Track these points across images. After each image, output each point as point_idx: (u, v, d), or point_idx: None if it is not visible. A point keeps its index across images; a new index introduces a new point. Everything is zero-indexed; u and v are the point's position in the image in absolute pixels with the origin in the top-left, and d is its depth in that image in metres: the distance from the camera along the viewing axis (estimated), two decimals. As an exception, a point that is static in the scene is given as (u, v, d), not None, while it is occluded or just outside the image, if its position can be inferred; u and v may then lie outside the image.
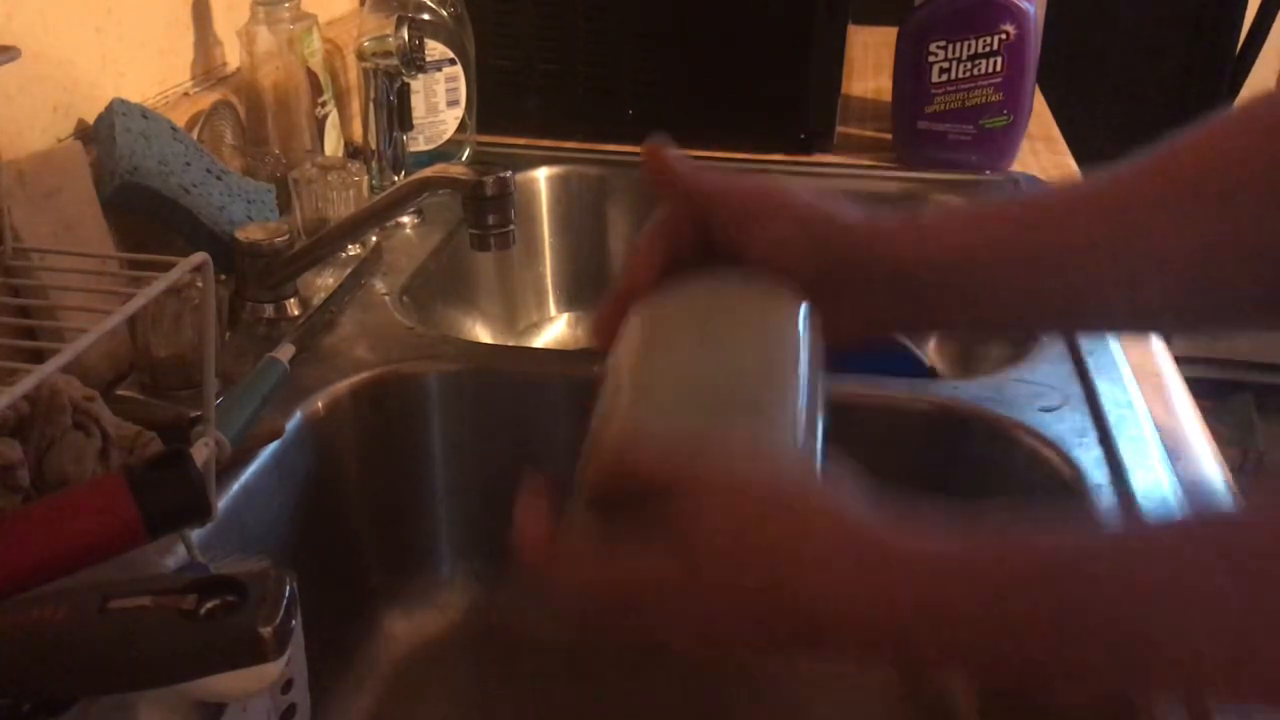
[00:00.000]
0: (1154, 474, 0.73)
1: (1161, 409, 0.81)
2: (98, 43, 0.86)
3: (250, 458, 0.74)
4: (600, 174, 1.28)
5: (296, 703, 0.65)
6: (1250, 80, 2.01)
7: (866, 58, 1.55)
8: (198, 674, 0.44)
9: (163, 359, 0.79)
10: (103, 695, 0.47)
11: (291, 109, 1.04)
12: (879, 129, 1.34)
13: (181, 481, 0.48)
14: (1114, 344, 0.88)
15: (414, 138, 1.15)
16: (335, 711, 0.82)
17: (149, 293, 0.53)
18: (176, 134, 0.88)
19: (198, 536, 0.63)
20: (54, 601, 0.45)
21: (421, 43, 1.06)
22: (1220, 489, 0.73)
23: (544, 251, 1.30)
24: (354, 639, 0.87)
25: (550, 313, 1.31)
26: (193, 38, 0.99)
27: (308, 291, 0.94)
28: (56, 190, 0.77)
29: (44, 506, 0.50)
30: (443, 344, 0.91)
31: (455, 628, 0.90)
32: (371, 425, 0.86)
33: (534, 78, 1.30)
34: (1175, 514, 0.58)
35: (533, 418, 0.88)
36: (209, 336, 0.59)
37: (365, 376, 0.85)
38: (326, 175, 1.00)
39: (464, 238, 0.91)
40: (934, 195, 1.22)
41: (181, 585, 0.45)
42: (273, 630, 0.43)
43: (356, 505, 0.88)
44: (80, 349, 0.48)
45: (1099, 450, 0.75)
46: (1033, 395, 0.82)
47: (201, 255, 0.56)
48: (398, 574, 0.91)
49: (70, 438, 0.59)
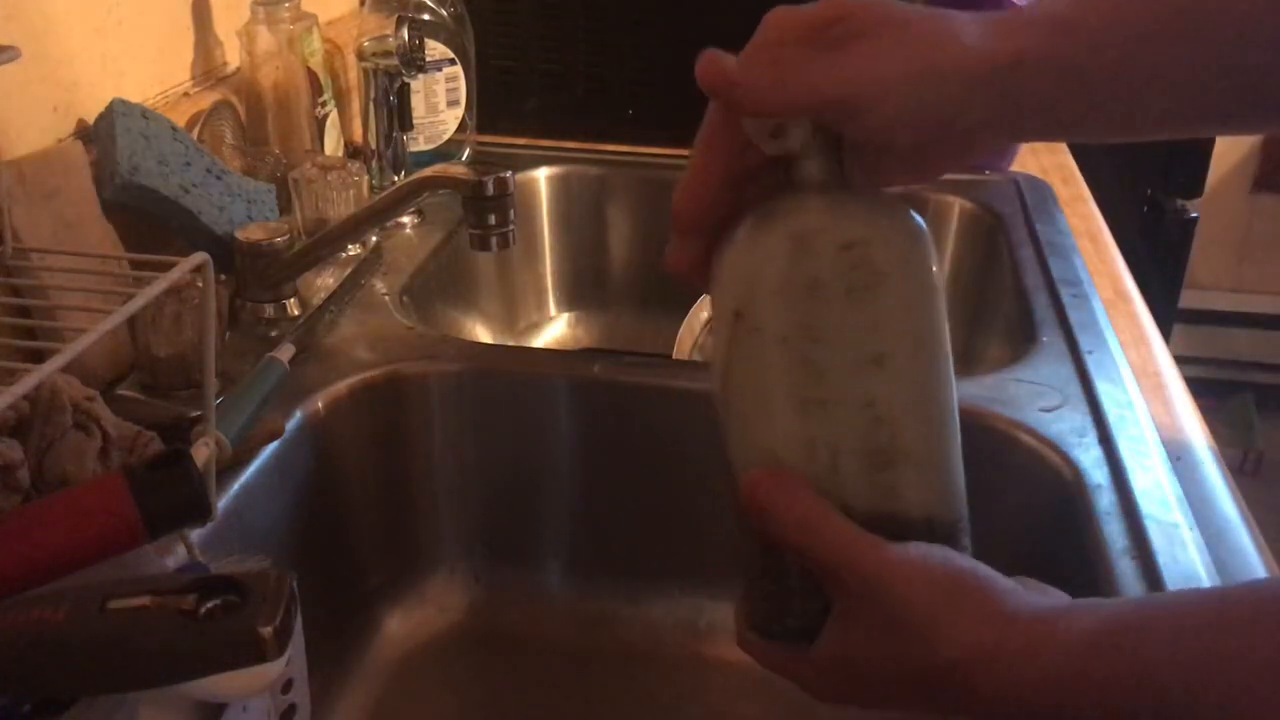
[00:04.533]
0: (1154, 474, 0.73)
1: (1161, 409, 0.81)
2: (98, 43, 0.86)
3: (250, 458, 0.74)
4: (600, 174, 1.28)
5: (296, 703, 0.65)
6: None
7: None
8: (198, 674, 0.44)
9: (163, 359, 0.79)
10: (103, 695, 0.47)
11: (291, 109, 1.04)
12: (879, 129, 1.34)
13: (181, 481, 0.48)
14: (1114, 344, 0.88)
15: (414, 138, 1.15)
16: (335, 711, 0.82)
17: (149, 293, 0.53)
18: (176, 134, 0.88)
19: (198, 536, 0.63)
20: (54, 601, 0.45)
21: (421, 43, 1.05)
22: (1220, 489, 0.73)
23: (544, 251, 1.30)
24: (354, 639, 0.87)
25: (550, 313, 1.31)
26: (193, 38, 0.99)
27: (308, 291, 0.94)
28: (56, 190, 0.77)
29: (44, 506, 0.50)
30: (443, 344, 0.91)
31: (455, 628, 0.90)
32: (371, 425, 0.86)
33: (534, 78, 1.30)
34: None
35: (533, 418, 0.88)
36: (209, 336, 0.59)
37: (365, 376, 0.85)
38: (326, 175, 0.99)
39: (464, 238, 0.91)
40: (934, 195, 1.22)
41: (181, 585, 0.45)
42: (273, 630, 0.43)
43: (356, 505, 0.88)
44: (80, 349, 0.48)
45: (1099, 450, 0.75)
46: (1033, 395, 0.82)
47: (201, 255, 0.56)
48: (398, 574, 0.91)
49: (70, 438, 0.59)
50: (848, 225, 0.46)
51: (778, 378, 0.46)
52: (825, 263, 0.45)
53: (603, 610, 0.91)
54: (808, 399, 0.46)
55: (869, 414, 0.45)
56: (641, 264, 1.30)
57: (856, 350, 0.45)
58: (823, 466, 0.46)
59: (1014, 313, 1.01)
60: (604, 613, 0.91)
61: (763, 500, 0.46)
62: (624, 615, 0.91)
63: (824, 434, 0.46)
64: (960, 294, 1.16)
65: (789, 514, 0.45)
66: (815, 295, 0.45)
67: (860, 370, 0.45)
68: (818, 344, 0.45)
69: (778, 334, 0.46)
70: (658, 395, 0.86)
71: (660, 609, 0.90)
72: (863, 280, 0.45)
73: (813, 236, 0.46)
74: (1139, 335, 0.92)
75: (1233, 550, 0.67)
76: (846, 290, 0.45)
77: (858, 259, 0.45)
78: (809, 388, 0.45)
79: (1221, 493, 0.72)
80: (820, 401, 0.46)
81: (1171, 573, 0.64)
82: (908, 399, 0.46)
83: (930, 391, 0.47)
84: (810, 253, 0.45)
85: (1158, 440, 0.76)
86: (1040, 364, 0.86)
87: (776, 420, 0.46)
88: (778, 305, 0.46)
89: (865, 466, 0.46)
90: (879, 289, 0.45)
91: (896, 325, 0.46)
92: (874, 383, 0.45)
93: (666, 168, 1.26)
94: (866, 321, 0.45)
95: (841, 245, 0.45)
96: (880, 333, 0.45)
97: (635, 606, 0.91)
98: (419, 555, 0.92)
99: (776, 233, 0.46)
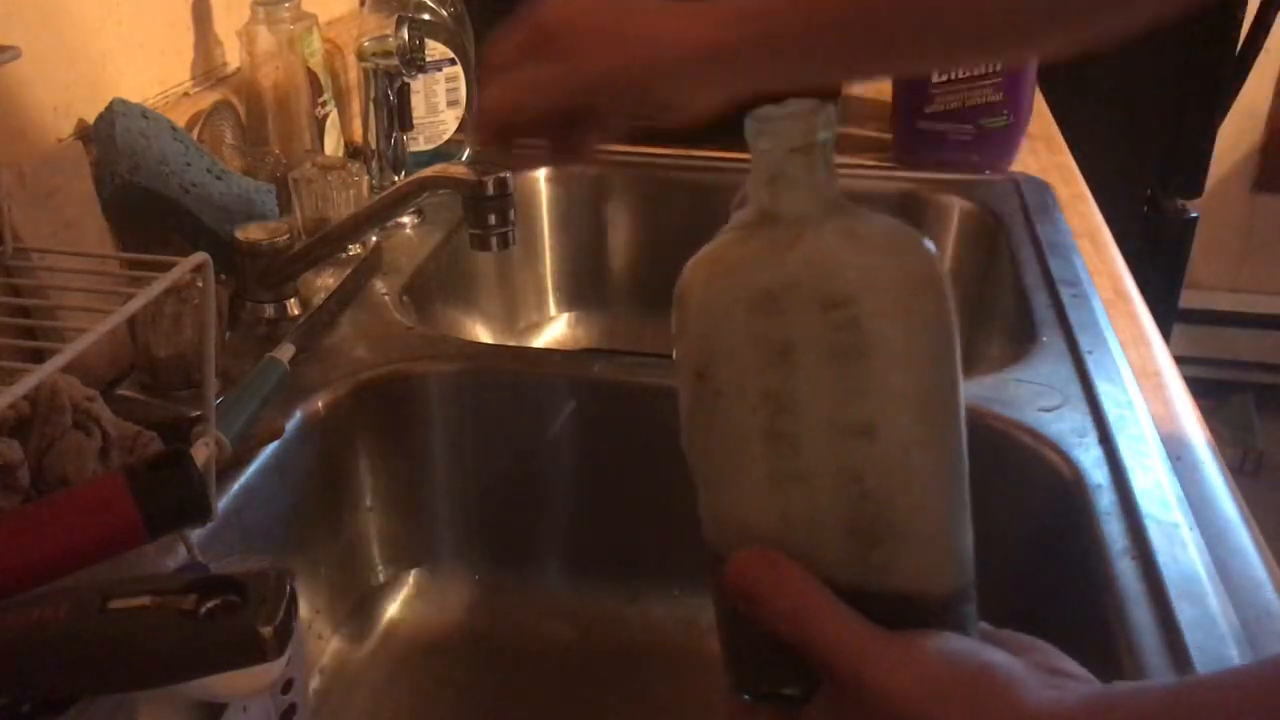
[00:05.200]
0: (1154, 474, 0.73)
1: (1161, 409, 0.81)
2: (98, 43, 0.86)
3: (250, 458, 0.74)
4: (600, 174, 1.28)
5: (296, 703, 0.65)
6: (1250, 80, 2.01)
7: (866, 58, 1.55)
8: (198, 674, 0.44)
9: (163, 359, 0.79)
10: (103, 695, 0.47)
11: (291, 109, 1.04)
12: (879, 129, 1.34)
13: (181, 481, 0.48)
14: (1114, 344, 0.88)
15: (414, 138, 1.15)
16: (335, 711, 0.82)
17: (149, 293, 0.53)
18: (176, 134, 0.88)
19: (198, 536, 0.63)
20: (54, 601, 0.45)
21: (421, 43, 1.05)
22: (1220, 489, 0.73)
23: (544, 251, 1.30)
24: (354, 638, 0.87)
25: (550, 313, 1.31)
26: (193, 38, 0.99)
27: (308, 291, 0.94)
28: (56, 190, 0.77)
29: (44, 506, 0.50)
30: (443, 344, 0.91)
31: (455, 627, 0.90)
32: (371, 425, 0.86)
33: (534, 78, 1.30)
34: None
35: (533, 418, 0.88)
36: (209, 336, 0.59)
37: (365, 376, 0.85)
38: (326, 175, 0.99)
39: (464, 238, 0.91)
40: (934, 195, 1.22)
41: (181, 585, 0.45)
42: (273, 630, 0.43)
43: (356, 505, 0.88)
44: (80, 349, 0.48)
45: (1099, 450, 0.75)
46: (1033, 395, 0.82)
47: (201, 255, 0.56)
48: (397, 573, 0.91)
49: (70, 438, 0.59)
50: (833, 277, 0.38)
51: (746, 448, 0.39)
52: (802, 325, 0.38)
53: (603, 610, 0.91)
54: (782, 472, 0.39)
55: (855, 490, 0.39)
56: (641, 264, 1.30)
57: (840, 420, 0.38)
58: (801, 542, 0.40)
59: (1014, 313, 1.01)
60: (604, 612, 0.91)
61: (750, 589, 0.41)
62: (624, 615, 0.91)
63: (801, 509, 0.39)
64: (960, 294, 1.16)
65: (778, 605, 0.40)
66: (788, 360, 0.38)
67: (844, 441, 0.39)
68: (791, 414, 0.39)
69: (745, 402, 0.39)
70: (658, 395, 0.86)
71: (660, 609, 0.90)
72: (849, 344, 0.38)
73: (786, 294, 0.38)
74: (1139, 335, 0.92)
75: (1233, 550, 0.66)
76: (829, 355, 0.38)
77: (844, 320, 0.38)
78: (782, 459, 0.39)
79: (1221, 493, 0.72)
80: (796, 475, 0.39)
81: (1171, 573, 0.64)
82: (903, 471, 0.39)
83: (932, 460, 0.40)
84: (782, 313, 0.38)
85: (1158, 440, 0.76)
86: (1040, 364, 0.86)
87: (747, 493, 0.40)
88: (742, 369, 0.39)
89: (851, 543, 0.40)
90: (870, 352, 0.38)
91: (892, 391, 0.39)
92: (860, 455, 0.39)
93: (667, 168, 1.26)
94: (853, 388, 0.38)
95: (824, 304, 0.38)
96: (870, 400, 0.38)
97: (635, 606, 0.91)
98: (419, 555, 0.92)
99: (742, 282, 0.39)
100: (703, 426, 0.41)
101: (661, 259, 1.29)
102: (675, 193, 1.27)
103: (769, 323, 0.38)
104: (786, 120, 0.40)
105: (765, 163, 0.40)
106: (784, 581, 0.40)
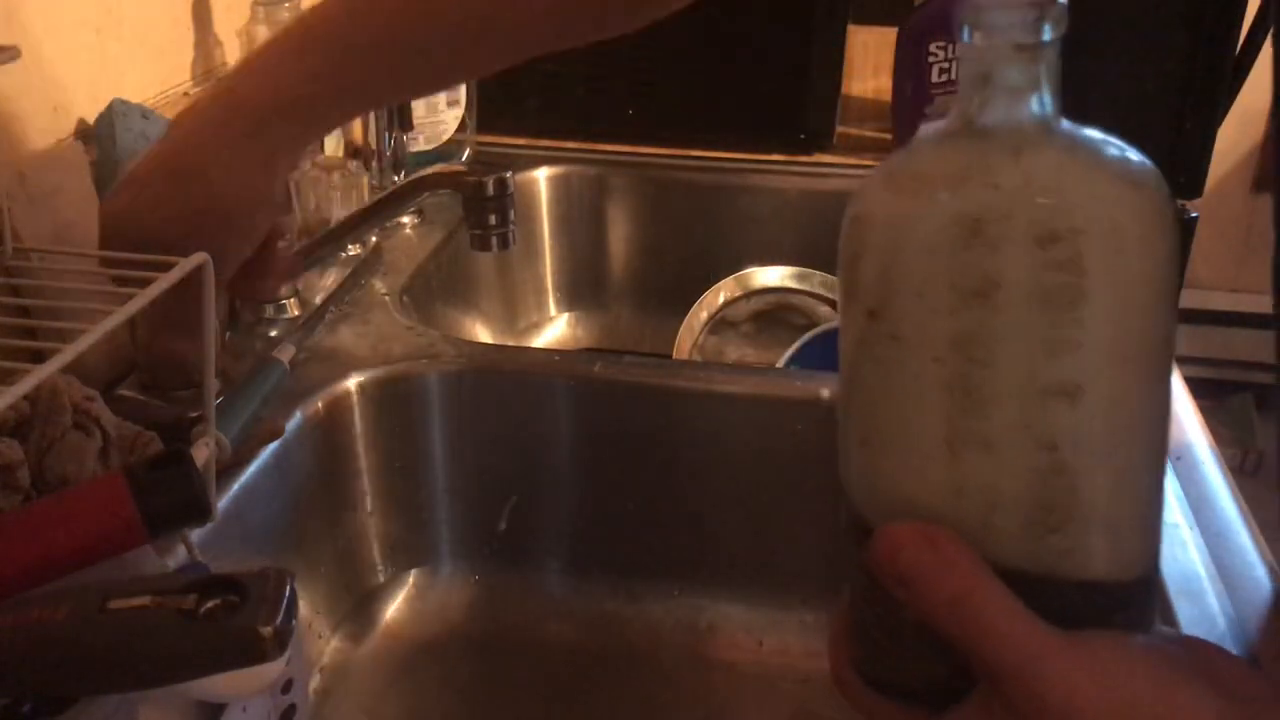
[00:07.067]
0: (1154, 474, 0.72)
1: (1161, 409, 0.81)
2: (98, 43, 0.86)
3: (250, 458, 0.74)
4: (600, 174, 1.28)
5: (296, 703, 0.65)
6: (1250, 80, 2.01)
7: (866, 58, 1.55)
8: (198, 674, 0.44)
9: (163, 359, 0.79)
10: (103, 695, 0.47)
11: (291, 109, 1.04)
12: (879, 129, 1.34)
13: (181, 481, 0.48)
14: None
15: (414, 138, 1.15)
16: (335, 711, 0.82)
17: (149, 293, 0.53)
18: (176, 134, 0.88)
19: (198, 536, 0.63)
20: (54, 601, 0.45)
21: (421, 43, 1.05)
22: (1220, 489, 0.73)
23: (544, 251, 1.30)
24: (354, 638, 0.87)
25: (550, 313, 1.31)
26: (193, 38, 0.99)
27: (308, 291, 0.94)
28: (56, 190, 0.77)
29: (44, 506, 0.50)
30: (443, 344, 0.91)
31: (455, 628, 0.90)
32: (371, 425, 0.86)
33: (534, 78, 1.30)
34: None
35: (533, 418, 0.88)
36: (209, 337, 0.59)
37: (365, 376, 0.86)
38: (327, 175, 0.99)
39: (464, 238, 0.91)
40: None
41: (181, 585, 0.45)
42: (273, 630, 0.43)
43: (356, 505, 0.88)
44: (80, 349, 0.48)
45: (1099, 450, 0.75)
46: (1032, 395, 0.82)
47: (201, 255, 0.56)
48: (397, 574, 0.91)
49: (70, 438, 0.59)
50: (1055, 206, 0.32)
51: (922, 404, 0.34)
52: (1010, 261, 0.32)
53: (603, 610, 0.91)
54: (963, 435, 0.34)
55: (1047, 460, 0.34)
56: (641, 264, 1.30)
57: (1041, 377, 0.33)
58: (971, 518, 0.35)
59: (1014, 313, 1.01)
60: (604, 613, 0.91)
61: (905, 569, 0.35)
62: (624, 615, 0.91)
63: (980, 481, 0.34)
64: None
65: (939, 590, 0.35)
66: (989, 303, 0.33)
67: (1042, 403, 0.33)
68: (984, 366, 0.33)
69: (926, 349, 0.34)
70: (658, 395, 0.86)
71: (660, 609, 0.90)
72: (1066, 286, 0.32)
73: (995, 222, 0.32)
74: (1139, 335, 0.92)
75: (1233, 550, 0.67)
76: (1039, 298, 0.32)
77: (1064, 258, 0.32)
78: (966, 421, 0.34)
79: (1221, 493, 0.72)
80: (981, 440, 0.34)
81: (1171, 572, 0.64)
82: (1103, 443, 0.34)
83: (1136, 432, 0.35)
84: (987, 245, 0.32)
85: (1158, 440, 0.76)
86: (1040, 364, 0.86)
87: (916, 458, 0.35)
88: (928, 310, 0.33)
89: (1031, 525, 0.34)
90: (1089, 298, 0.32)
91: (1105, 347, 0.33)
92: (1060, 421, 0.33)
93: (667, 168, 1.26)
94: (1062, 340, 0.33)
95: (1041, 237, 0.32)
96: (1081, 356, 0.33)
97: (635, 606, 0.91)
98: (419, 555, 0.92)
99: (941, 206, 0.33)
100: (869, 375, 0.35)
101: (661, 259, 1.29)
102: (675, 193, 1.27)
103: (969, 256, 0.33)
104: (1010, 10, 0.33)
105: (980, 61, 0.34)
106: (949, 564, 0.35)
